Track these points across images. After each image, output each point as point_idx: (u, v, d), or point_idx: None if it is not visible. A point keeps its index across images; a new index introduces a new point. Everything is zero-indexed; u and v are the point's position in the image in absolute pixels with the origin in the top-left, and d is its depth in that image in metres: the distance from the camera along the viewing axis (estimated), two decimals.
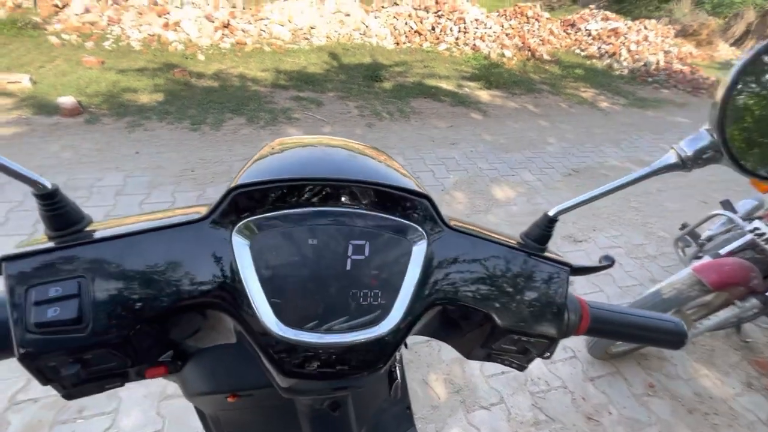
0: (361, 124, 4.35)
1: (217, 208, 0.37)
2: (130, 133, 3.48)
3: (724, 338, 2.25)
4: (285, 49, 6.03)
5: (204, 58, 5.27)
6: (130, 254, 0.34)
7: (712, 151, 0.36)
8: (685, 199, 3.71)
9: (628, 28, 8.94)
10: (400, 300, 0.38)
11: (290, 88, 4.98)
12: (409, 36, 7.38)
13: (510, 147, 4.32)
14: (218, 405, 0.60)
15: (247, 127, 3.90)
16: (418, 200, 0.41)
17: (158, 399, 1.59)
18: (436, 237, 0.41)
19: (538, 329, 0.42)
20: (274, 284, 0.36)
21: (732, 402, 1.90)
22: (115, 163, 3.04)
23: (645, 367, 2.02)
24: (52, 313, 0.31)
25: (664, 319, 0.47)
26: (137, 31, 5.34)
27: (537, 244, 0.45)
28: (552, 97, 6.20)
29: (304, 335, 0.35)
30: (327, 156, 0.46)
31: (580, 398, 1.83)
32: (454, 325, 0.44)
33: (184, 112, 3.97)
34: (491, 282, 0.41)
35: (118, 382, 0.36)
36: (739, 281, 1.51)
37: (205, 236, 0.36)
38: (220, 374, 0.54)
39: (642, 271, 2.70)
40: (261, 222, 0.37)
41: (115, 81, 4.26)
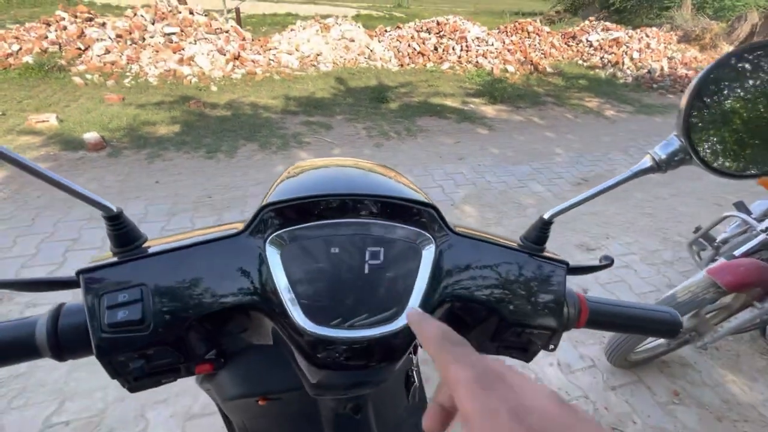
0: (369, 145, 4.46)
1: (252, 224, 0.43)
2: (150, 164, 3.65)
3: (750, 342, 2.20)
4: (293, 77, 6.27)
5: (217, 89, 5.52)
6: (181, 265, 0.41)
7: (683, 154, 0.41)
8: (698, 203, 3.68)
9: (630, 37, 9.03)
10: (413, 298, 0.43)
11: (300, 113, 5.15)
12: (412, 57, 7.60)
13: (517, 159, 4.36)
14: (248, 409, 0.64)
15: (260, 153, 4.04)
16: (425, 210, 0.46)
17: (183, 419, 1.63)
18: (443, 241, 0.46)
19: (540, 322, 0.46)
20: (302, 288, 0.41)
21: (762, 408, 1.85)
22: (137, 192, 3.19)
23: (668, 374, 1.98)
24: (121, 315, 0.36)
25: (658, 310, 0.51)
26: (154, 67, 5.64)
27: (535, 245, 0.50)
28: (557, 109, 6.26)
29: (330, 331, 0.40)
30: (342, 174, 0.52)
31: (602, 408, 1.80)
32: (463, 321, 0.49)
33: (199, 141, 4.15)
34: (495, 280, 0.46)
35: (172, 377, 0.42)
36: (756, 282, 1.50)
37: (243, 248, 0.42)
38: (252, 378, 0.59)
39: (659, 277, 2.67)
40: (289, 234, 0.43)
41: (135, 115, 4.49)
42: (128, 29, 5.95)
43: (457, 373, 0.25)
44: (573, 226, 3.15)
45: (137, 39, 5.90)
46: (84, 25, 5.85)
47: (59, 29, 5.75)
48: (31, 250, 2.48)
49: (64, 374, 1.74)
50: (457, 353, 0.27)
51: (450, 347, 0.27)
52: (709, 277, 1.52)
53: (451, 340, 0.28)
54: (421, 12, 14.57)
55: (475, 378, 0.24)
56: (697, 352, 2.11)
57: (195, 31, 6.14)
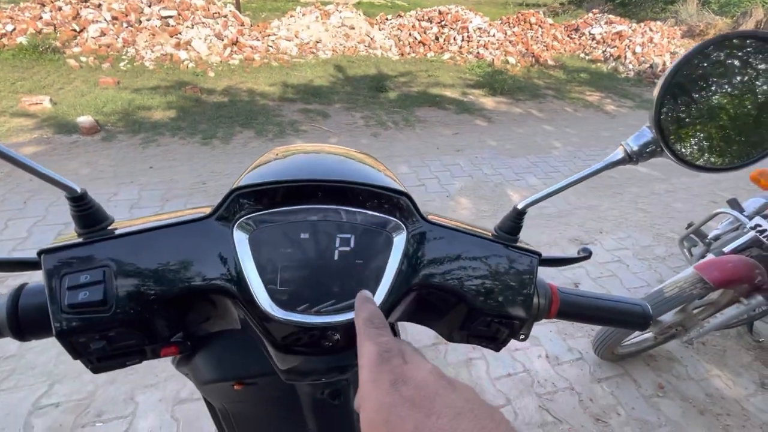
0: (366, 134, 4.43)
1: (220, 207, 0.43)
2: (144, 149, 3.62)
3: (736, 338, 2.22)
4: (292, 64, 6.20)
5: (214, 75, 5.45)
6: (146, 247, 0.40)
7: (654, 146, 0.41)
8: (693, 200, 3.68)
9: (633, 31, 8.94)
10: (383, 285, 0.43)
11: (297, 101, 5.11)
12: (413, 46, 7.51)
13: (515, 152, 4.34)
14: (225, 394, 0.64)
15: (256, 140, 4.02)
16: (398, 197, 0.46)
17: (173, 403, 1.65)
18: (414, 229, 0.46)
19: (508, 311, 0.46)
20: (270, 272, 0.41)
21: (745, 402, 1.88)
22: (130, 177, 3.17)
23: (654, 368, 2.01)
24: (82, 296, 0.36)
25: (630, 302, 0.51)
26: (150, 51, 5.56)
27: (509, 235, 0.50)
28: (557, 102, 6.22)
29: (296, 316, 0.40)
30: (318, 160, 0.52)
31: (587, 399, 1.83)
32: (433, 309, 0.49)
33: (195, 127, 4.11)
34: (465, 268, 0.46)
35: (137, 358, 0.42)
36: (743, 279, 1.51)
37: (210, 231, 0.42)
38: (227, 362, 0.60)
39: (650, 273, 2.69)
40: (258, 218, 0.42)
41: (130, 100, 4.44)
42: (124, 11, 5.85)
43: (365, 348, 0.30)
44: (568, 221, 3.16)
45: (133, 21, 5.80)
46: (79, 6, 5.75)
47: (54, 10, 5.64)
48: (23, 233, 2.47)
49: (53, 356, 1.75)
50: (371, 333, 0.31)
51: (369, 328, 0.32)
52: (696, 273, 1.53)
53: (374, 323, 0.32)
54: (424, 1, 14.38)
55: (377, 353, 0.29)
56: (684, 347, 2.13)
57: (192, 15, 6.05)
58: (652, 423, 1.76)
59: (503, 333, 0.47)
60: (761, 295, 1.58)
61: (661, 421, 1.77)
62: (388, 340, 0.31)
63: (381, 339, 0.31)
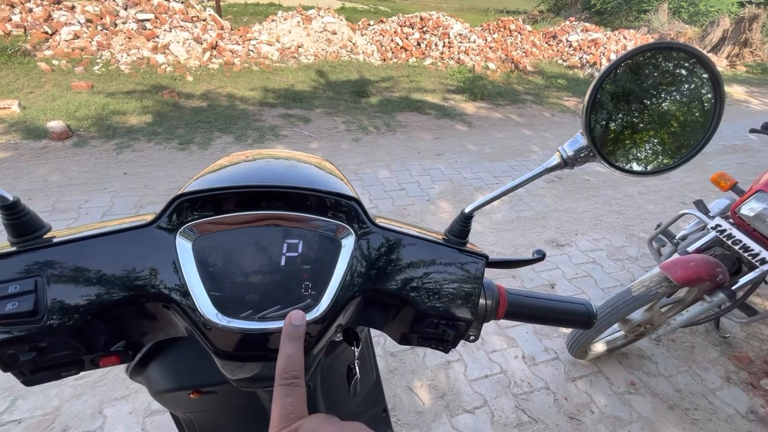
0: (348, 139, 4.44)
1: (163, 215, 0.42)
2: (119, 155, 3.54)
3: (704, 335, 2.30)
4: (273, 68, 6.16)
5: (192, 79, 5.38)
6: (83, 256, 0.39)
7: (587, 151, 0.42)
8: (664, 201, 3.81)
9: (608, 39, 9.23)
10: (329, 290, 0.43)
11: (278, 105, 5.08)
12: (395, 52, 7.57)
13: (495, 156, 4.42)
14: (184, 403, 0.63)
15: (235, 145, 3.97)
16: (347, 203, 0.46)
17: (144, 415, 1.60)
18: (363, 234, 0.47)
19: (454, 312, 0.47)
20: (213, 279, 0.41)
21: (711, 397, 1.94)
22: (103, 184, 3.09)
23: (626, 365, 2.06)
24: (10, 306, 0.35)
25: (575, 302, 0.52)
26: (126, 54, 5.45)
27: (457, 239, 0.51)
28: (536, 107, 6.36)
29: (238, 323, 0.40)
30: (269, 166, 0.52)
31: (562, 398, 1.86)
32: (381, 312, 0.49)
33: (172, 132, 4.04)
34: (412, 272, 0.47)
35: (74, 369, 0.41)
36: (705, 277, 1.57)
37: (152, 239, 0.42)
38: (182, 371, 0.59)
39: (623, 273, 2.76)
40: (203, 225, 0.42)
41: (104, 104, 4.33)
42: (99, 14, 5.72)
43: (273, 409, 0.32)
44: (545, 223, 3.22)
45: (108, 24, 5.68)
46: (51, 8, 5.60)
47: (24, 11, 5.48)
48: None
49: None
50: (281, 392, 0.33)
51: (279, 386, 0.33)
52: (662, 272, 1.58)
53: (285, 378, 0.34)
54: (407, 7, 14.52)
55: (279, 419, 0.31)
56: (654, 344, 2.19)
57: (170, 19, 5.96)
58: (624, 419, 1.80)
59: (450, 334, 0.48)
60: (723, 292, 1.64)
61: (632, 417, 1.81)
62: (294, 401, 0.32)
63: (287, 399, 0.32)
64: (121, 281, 0.39)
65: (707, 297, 1.67)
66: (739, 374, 2.07)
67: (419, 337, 0.49)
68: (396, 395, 1.79)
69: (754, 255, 1.56)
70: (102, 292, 0.39)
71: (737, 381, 2.04)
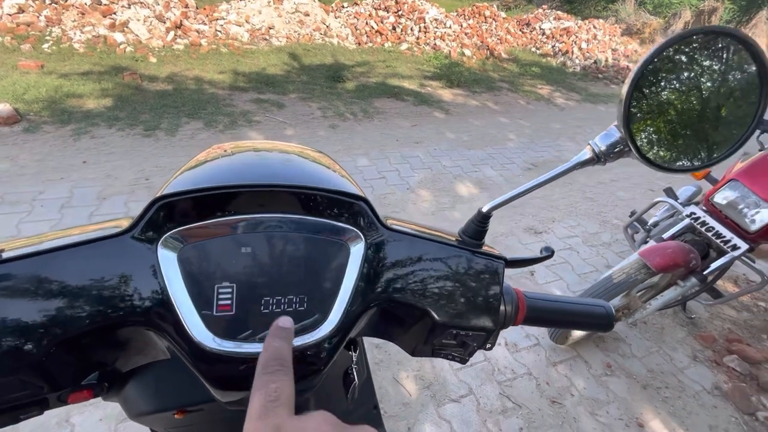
0: (324, 126, 4.31)
1: (140, 221, 0.36)
2: (76, 141, 3.27)
3: (672, 316, 2.42)
4: (243, 50, 5.87)
5: (156, 61, 5.04)
6: (42, 275, 0.32)
7: (622, 146, 0.39)
8: (634, 188, 3.95)
9: (579, 27, 9.38)
10: (338, 303, 0.38)
11: (250, 90, 4.85)
12: (370, 36, 7.39)
13: (472, 144, 4.42)
14: (167, 423, 0.57)
15: (205, 132, 3.77)
16: (354, 203, 0.41)
17: (116, 422, 1.51)
18: (373, 238, 0.41)
19: (475, 322, 0.43)
20: (204, 296, 0.35)
21: (680, 375, 2.05)
22: (60, 173, 2.85)
23: (602, 348, 2.13)
24: None
25: (594, 305, 0.50)
26: (80, 32, 5.02)
27: (473, 240, 0.47)
28: (511, 95, 6.41)
29: (236, 346, 0.35)
30: (261, 161, 0.45)
31: (544, 383, 1.90)
32: (396, 323, 0.45)
33: (135, 117, 3.78)
34: (429, 279, 0.42)
35: (35, 410, 0.34)
36: (680, 263, 1.62)
37: (127, 251, 0.35)
38: (165, 391, 0.52)
39: (598, 258, 2.85)
40: (189, 233, 0.36)
41: (57, 86, 3.99)
42: None
43: (252, 398, 0.27)
44: (522, 210, 3.27)
45: None
46: None
47: None
48: None
49: None
50: (262, 381, 0.28)
51: (262, 375, 0.29)
52: (640, 259, 1.62)
53: (269, 368, 0.29)
54: None
55: (260, 405, 0.26)
56: (628, 327, 2.28)
57: None
58: (602, 401, 1.87)
59: (470, 346, 0.44)
60: (695, 277, 1.71)
61: (609, 398, 1.88)
62: (279, 387, 0.28)
63: (271, 386, 0.28)
64: (91, 304, 0.33)
65: (681, 282, 1.74)
66: (705, 353, 2.19)
67: (435, 348, 0.46)
68: (382, 387, 1.77)
69: (726, 241, 1.62)
70: (68, 318, 0.32)
71: (703, 359, 2.15)
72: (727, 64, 0.36)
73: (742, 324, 2.43)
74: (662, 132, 0.38)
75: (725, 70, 0.36)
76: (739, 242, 1.59)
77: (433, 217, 3.02)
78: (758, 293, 2.64)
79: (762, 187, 1.55)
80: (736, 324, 2.42)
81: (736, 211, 1.61)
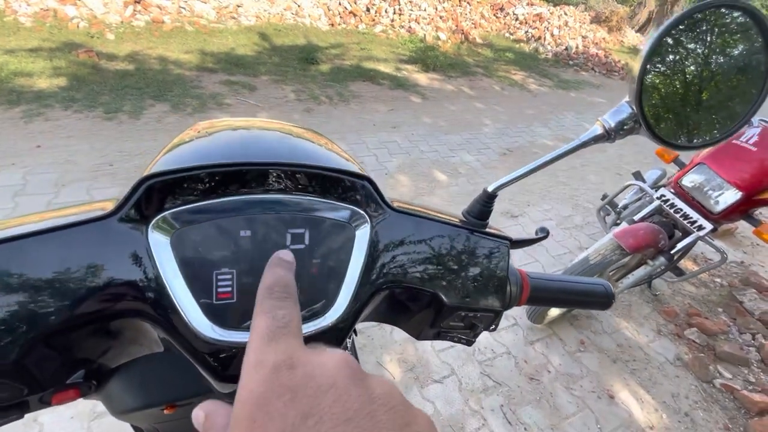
0: (299, 109, 4.19)
1: (127, 202, 0.32)
2: (27, 124, 3.02)
3: (639, 293, 2.55)
4: (210, 29, 5.57)
5: (114, 38, 4.70)
6: (17, 262, 0.29)
7: (632, 123, 0.38)
8: (603, 172, 4.10)
9: (551, 14, 9.50)
10: (346, 287, 0.36)
11: (219, 71, 4.63)
12: (343, 17, 7.18)
13: (449, 129, 4.43)
14: (154, 419, 0.54)
15: (172, 115, 3.57)
16: (358, 182, 0.39)
17: (88, 419, 1.44)
18: (379, 220, 0.40)
19: (483, 303, 0.42)
20: (202, 283, 0.32)
21: (646, 348, 2.17)
22: (11, 158, 2.63)
23: (576, 326, 2.23)
24: None
25: (593, 283, 0.50)
26: (26, 4, 4.59)
27: (478, 220, 0.46)
28: (486, 80, 6.45)
29: (239, 335, 0.32)
30: (258, 139, 0.42)
31: (522, 362, 1.97)
32: (403, 307, 0.44)
33: (94, 98, 3.53)
34: (437, 261, 0.41)
35: (15, 414, 0.30)
36: (651, 243, 1.70)
37: (114, 235, 0.31)
38: (153, 386, 0.49)
39: (571, 240, 2.95)
40: (183, 215, 0.33)
41: (2, 63, 3.65)
42: None
43: (256, 322, 0.24)
44: (498, 194, 3.32)
45: None
46: None
47: None
48: None
49: None
50: (268, 305, 0.25)
51: (267, 299, 0.26)
52: (614, 240, 1.69)
53: (275, 293, 0.26)
54: None
55: (267, 329, 0.23)
56: None
57: None
58: (576, 375, 1.96)
59: (478, 327, 0.43)
60: (663, 256, 1.80)
61: (583, 373, 1.98)
62: (288, 313, 0.25)
63: (279, 312, 0.25)
64: (74, 294, 0.29)
65: (650, 261, 1.83)
66: (668, 326, 2.34)
67: (441, 331, 0.45)
68: (367, 371, 1.78)
69: (692, 222, 1.71)
70: (47, 311, 0.28)
71: (666, 333, 2.30)
72: (735, 38, 0.36)
73: (701, 299, 2.60)
74: (672, 108, 0.38)
75: (734, 44, 0.36)
76: (705, 223, 1.68)
77: (408, 200, 3.02)
78: (714, 270, 2.82)
79: (727, 170, 1.64)
80: (696, 299, 2.59)
81: (702, 193, 1.70)
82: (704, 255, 2.97)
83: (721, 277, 2.83)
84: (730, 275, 2.85)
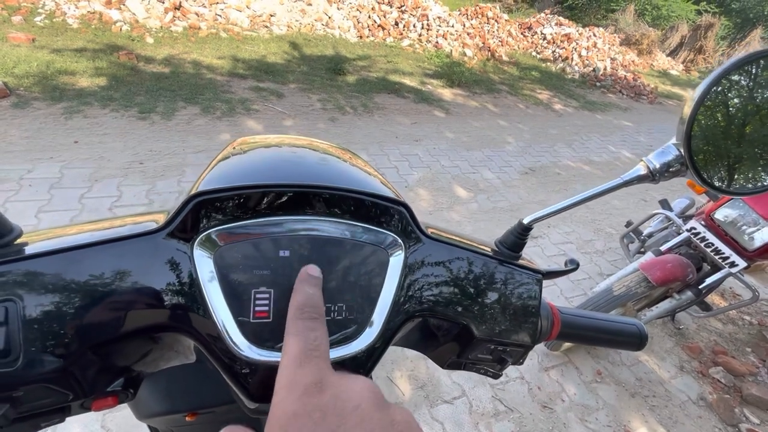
0: (324, 118, 4.26)
1: (176, 218, 0.33)
2: (68, 120, 3.17)
3: (661, 326, 2.46)
4: (243, 37, 5.76)
5: (153, 42, 4.91)
6: (71, 272, 0.30)
7: (678, 165, 0.38)
8: (628, 198, 4.00)
9: (579, 34, 9.44)
10: (378, 313, 0.36)
11: (249, 77, 4.77)
12: (372, 30, 7.32)
13: (471, 145, 4.42)
14: (176, 424, 0.55)
15: (201, 118, 3.69)
16: (395, 208, 0.39)
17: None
18: (414, 247, 0.40)
19: (513, 337, 0.42)
20: (241, 301, 0.33)
21: (667, 384, 2.08)
22: (50, 152, 2.76)
23: (593, 355, 2.15)
24: None
25: (626, 323, 0.49)
26: (74, 6, 4.86)
27: (511, 252, 0.45)
28: (510, 98, 6.43)
29: (271, 355, 0.33)
30: (296, 159, 0.43)
31: (536, 388, 1.92)
32: (431, 336, 0.43)
33: (130, 98, 3.68)
34: (469, 292, 0.41)
35: (57, 418, 0.32)
36: (679, 277, 1.65)
37: (161, 250, 0.33)
38: (177, 393, 0.50)
39: (591, 266, 2.88)
40: (226, 233, 0.34)
41: (49, 61, 3.86)
42: None
43: (288, 345, 0.26)
44: (519, 214, 3.28)
45: None
46: None
47: None
48: None
49: None
50: (300, 327, 0.27)
51: (298, 320, 0.27)
52: (641, 273, 1.64)
53: (305, 313, 0.28)
54: None
55: (300, 351, 0.25)
56: None
57: None
58: (592, 407, 1.89)
59: (506, 361, 0.43)
60: (690, 290, 1.73)
61: (599, 404, 1.91)
62: (318, 336, 0.26)
63: (311, 334, 0.26)
64: (122, 307, 0.30)
65: (676, 294, 1.76)
66: (691, 363, 2.24)
67: (468, 362, 0.44)
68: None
69: (725, 258, 1.65)
70: (97, 321, 0.30)
71: (689, 370, 2.20)
72: None
73: (728, 337, 2.48)
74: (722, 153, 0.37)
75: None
76: (738, 260, 1.61)
77: (431, 216, 3.01)
78: (744, 308, 2.70)
79: (763, 206, 1.57)
80: (722, 336, 2.47)
81: (736, 229, 1.63)
82: (733, 290, 2.84)
83: (751, 314, 2.70)
84: (760, 313, 2.72)
